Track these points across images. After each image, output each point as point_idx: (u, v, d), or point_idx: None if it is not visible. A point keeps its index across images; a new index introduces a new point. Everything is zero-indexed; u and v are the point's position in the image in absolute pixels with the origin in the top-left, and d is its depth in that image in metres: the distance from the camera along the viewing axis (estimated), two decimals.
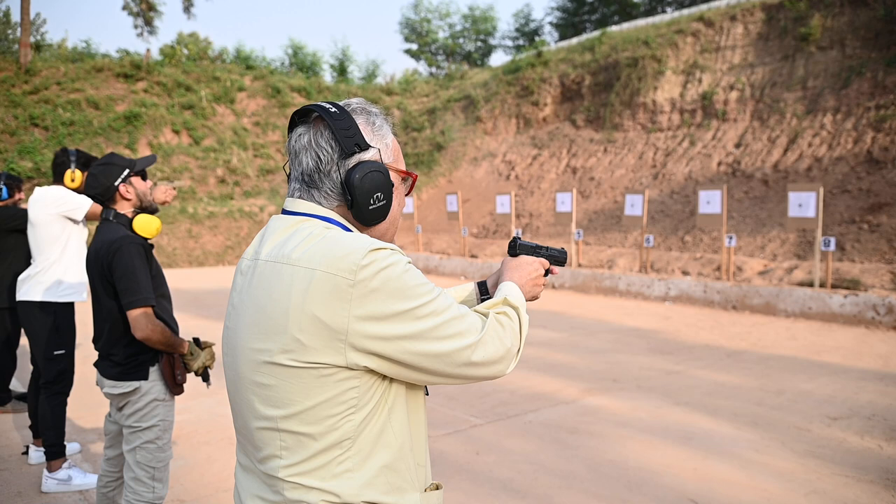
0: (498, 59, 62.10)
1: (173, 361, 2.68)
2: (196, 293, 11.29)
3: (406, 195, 1.42)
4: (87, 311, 5.48)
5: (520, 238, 1.61)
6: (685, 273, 11.71)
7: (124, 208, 2.72)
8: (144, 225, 2.69)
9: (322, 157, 1.26)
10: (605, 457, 4.15)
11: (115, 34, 70.93)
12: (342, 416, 1.16)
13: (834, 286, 9.40)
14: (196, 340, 2.80)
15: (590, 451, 4.25)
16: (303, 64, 31.31)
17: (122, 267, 2.53)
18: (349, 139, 1.26)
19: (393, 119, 1.41)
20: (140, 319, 2.54)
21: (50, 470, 3.64)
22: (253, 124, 22.70)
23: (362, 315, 1.13)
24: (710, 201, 10.63)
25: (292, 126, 1.33)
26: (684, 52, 17.99)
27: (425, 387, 1.33)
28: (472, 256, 15.63)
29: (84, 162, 3.83)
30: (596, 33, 22.43)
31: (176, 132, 20.52)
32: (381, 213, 1.30)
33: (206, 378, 2.85)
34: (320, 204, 1.28)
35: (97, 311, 2.69)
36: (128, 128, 19.60)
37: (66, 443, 3.74)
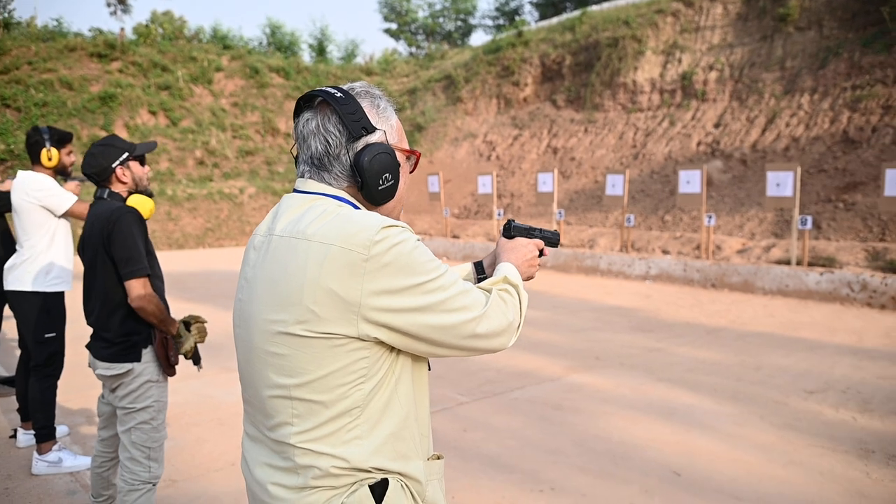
0: (478, 38, 61.78)
1: (167, 342, 2.70)
2: (177, 276, 11.22)
3: (410, 172, 1.46)
4: (75, 293, 5.44)
5: (514, 221, 1.65)
6: (665, 252, 11.86)
7: (118, 189, 2.72)
8: (139, 204, 2.69)
9: (331, 141, 1.31)
10: (589, 432, 4.24)
11: (87, 12, 69.35)
12: (353, 384, 1.21)
13: (810, 264, 9.59)
14: (185, 323, 2.82)
15: (575, 426, 4.34)
16: (281, 44, 30.93)
17: (121, 236, 2.53)
18: (356, 123, 1.30)
19: (396, 100, 1.45)
20: (138, 289, 2.55)
21: (40, 452, 3.64)
22: (231, 105, 22.43)
23: (374, 288, 1.18)
24: (690, 181, 10.75)
25: (298, 111, 1.37)
26: (664, 32, 18.04)
27: (428, 361, 1.38)
28: (454, 237, 15.68)
29: (58, 139, 3.74)
30: (576, 13, 22.38)
31: (153, 113, 20.23)
32: (390, 193, 1.36)
33: (196, 361, 2.86)
34: (331, 185, 1.33)
35: (90, 287, 2.69)
36: (103, 109, 19.27)
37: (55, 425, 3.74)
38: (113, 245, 2.56)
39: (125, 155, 2.70)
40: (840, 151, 12.60)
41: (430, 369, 1.40)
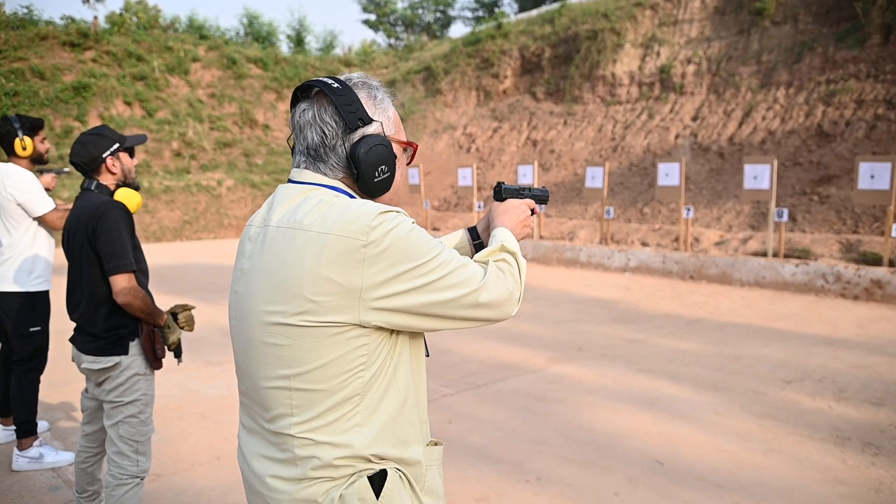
0: (457, 30, 61.61)
1: (153, 335, 2.67)
2: (155, 269, 11.06)
3: (408, 164, 1.46)
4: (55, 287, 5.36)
5: (504, 183, 1.66)
6: (644, 244, 11.97)
7: (107, 181, 2.68)
8: (126, 198, 2.66)
9: (327, 131, 1.30)
10: (573, 422, 4.28)
11: (58, 1, 67.89)
12: (352, 372, 1.22)
13: (786, 256, 9.75)
14: (173, 314, 2.79)
15: (558, 417, 4.38)
16: (258, 34, 30.59)
17: (106, 231, 2.50)
18: (352, 114, 1.30)
19: (394, 91, 1.45)
20: (123, 284, 2.52)
21: (21, 448, 3.59)
22: (208, 96, 22.15)
23: (375, 273, 1.19)
24: (669, 173, 10.85)
25: (295, 101, 1.36)
26: (643, 25, 18.14)
27: (426, 347, 1.39)
28: (435, 229, 15.68)
29: (30, 126, 3.65)
30: (555, 5, 22.41)
31: (128, 104, 19.91)
32: (386, 185, 1.36)
33: (178, 354, 2.84)
34: (326, 175, 1.33)
35: (74, 281, 2.65)
36: (76, 99, 18.93)
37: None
38: (98, 240, 2.52)
39: (116, 146, 2.66)
40: (815, 145, 12.79)
41: (427, 355, 1.41)
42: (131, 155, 2.75)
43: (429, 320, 1.26)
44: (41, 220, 3.63)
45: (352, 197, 1.32)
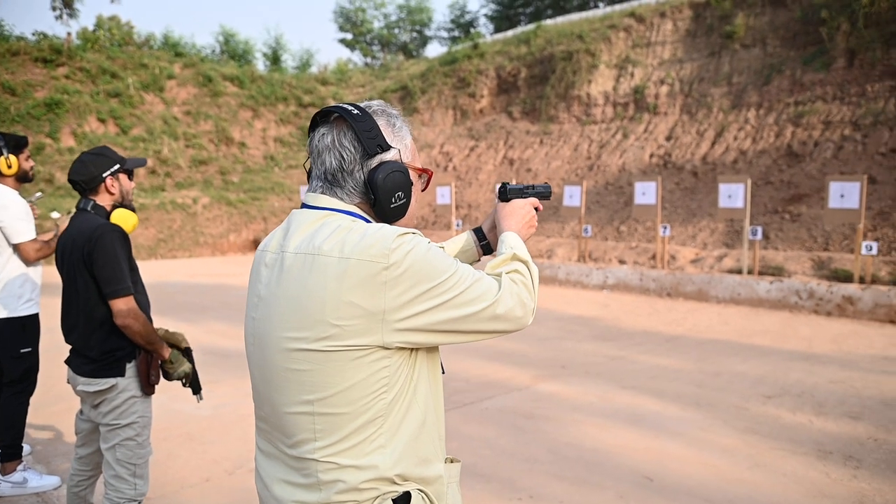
0: (433, 50, 62.06)
1: (150, 360, 2.65)
2: None
3: (422, 191, 1.49)
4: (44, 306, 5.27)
5: (509, 183, 1.70)
6: (622, 262, 12.12)
7: (104, 201, 2.67)
8: (123, 220, 2.65)
9: (345, 156, 1.33)
10: (562, 440, 4.31)
11: (30, 16, 67.10)
12: (375, 394, 1.24)
13: (760, 273, 9.95)
14: (187, 351, 2.78)
15: (547, 434, 4.41)
16: (235, 52, 30.55)
17: (104, 255, 2.48)
18: (371, 140, 1.33)
19: (412, 121, 1.48)
20: (122, 308, 2.50)
21: (3, 473, 3.51)
22: (184, 113, 22.01)
23: (397, 295, 1.21)
24: (646, 192, 11.03)
25: (313, 126, 1.39)
26: (617, 46, 18.50)
27: (441, 365, 1.41)
28: None
29: (14, 144, 3.56)
30: (531, 26, 22.77)
31: (102, 121, 19.70)
32: (402, 211, 1.38)
33: (196, 390, 2.81)
34: (343, 200, 1.35)
35: (69, 303, 2.62)
36: (49, 115, 18.69)
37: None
38: (95, 264, 2.50)
39: (116, 166, 2.66)
40: (785, 164, 13.12)
41: (443, 372, 1.43)
42: (130, 177, 2.75)
43: (449, 336, 1.28)
44: (16, 248, 3.54)
45: (368, 222, 1.34)
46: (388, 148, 1.35)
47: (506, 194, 1.67)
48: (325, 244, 1.24)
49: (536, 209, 1.69)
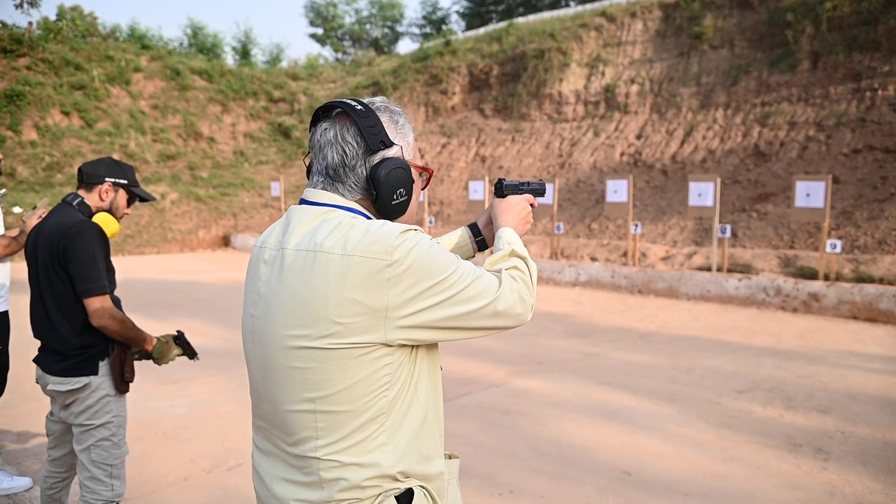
0: (405, 46, 61.89)
1: (124, 356, 2.59)
2: None
3: (422, 189, 1.49)
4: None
5: (505, 179, 1.70)
6: (593, 259, 12.24)
7: (92, 202, 2.61)
8: (105, 222, 2.58)
9: (348, 152, 1.32)
10: (540, 435, 4.35)
11: None
12: (378, 392, 1.23)
13: (729, 270, 10.13)
14: (179, 337, 2.77)
15: (525, 430, 4.44)
16: (203, 45, 30.07)
17: (81, 251, 2.42)
18: (375, 136, 1.32)
19: (409, 119, 1.47)
20: (98, 309, 2.44)
21: None
22: (151, 107, 21.61)
23: (400, 292, 1.20)
24: (618, 190, 11.15)
25: (315, 121, 1.37)
26: (588, 45, 18.66)
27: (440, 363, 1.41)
28: None
29: None
30: (503, 24, 22.84)
31: (66, 113, 19.24)
32: (402, 208, 1.38)
33: (192, 355, 2.84)
34: (343, 196, 1.33)
35: (40, 298, 2.53)
36: (9, 108, 18.18)
37: None
38: (71, 261, 2.43)
39: (124, 181, 2.65)
40: (752, 164, 13.37)
41: (441, 369, 1.43)
42: (130, 202, 2.72)
43: (450, 332, 1.28)
44: None
45: (369, 219, 1.33)
46: (390, 144, 1.34)
47: (502, 190, 1.68)
48: (327, 241, 1.23)
49: (532, 206, 1.70)
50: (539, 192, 1.74)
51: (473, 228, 1.74)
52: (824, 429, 4.50)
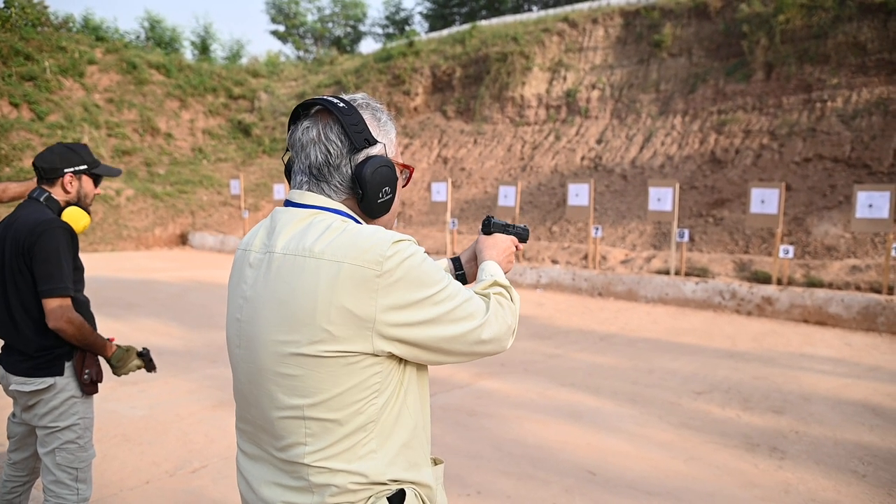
0: (367, 46, 61.61)
1: (84, 358, 2.53)
2: None
3: (403, 186, 1.48)
4: None
5: (493, 217, 1.73)
6: (555, 262, 12.38)
7: (59, 196, 2.53)
8: (74, 218, 2.51)
9: (332, 150, 1.29)
10: (505, 436, 4.38)
11: None
12: (367, 400, 1.22)
13: (686, 274, 10.36)
14: (144, 353, 2.70)
15: (491, 431, 4.48)
16: (161, 39, 29.44)
17: (46, 250, 2.35)
18: (358, 134, 1.30)
19: (396, 116, 1.47)
20: (56, 310, 2.37)
21: None
22: (106, 101, 21.06)
23: (388, 303, 1.19)
24: (579, 194, 11.31)
25: (294, 119, 1.35)
26: (550, 49, 18.87)
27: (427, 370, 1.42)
28: None
29: None
30: (466, 26, 22.92)
31: (15, 105, 18.62)
32: (387, 207, 1.37)
33: (150, 368, 2.78)
34: (329, 197, 1.31)
35: (4, 298, 2.46)
36: None
37: None
38: (35, 259, 2.37)
39: (83, 167, 2.55)
40: (709, 170, 13.71)
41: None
42: (96, 182, 2.64)
43: (433, 354, 1.27)
44: None
45: (356, 220, 1.32)
46: (374, 142, 1.32)
47: (489, 227, 1.71)
48: (317, 245, 1.21)
49: (516, 248, 1.72)
50: (523, 237, 1.78)
51: (455, 262, 1.73)
52: (779, 428, 4.65)
